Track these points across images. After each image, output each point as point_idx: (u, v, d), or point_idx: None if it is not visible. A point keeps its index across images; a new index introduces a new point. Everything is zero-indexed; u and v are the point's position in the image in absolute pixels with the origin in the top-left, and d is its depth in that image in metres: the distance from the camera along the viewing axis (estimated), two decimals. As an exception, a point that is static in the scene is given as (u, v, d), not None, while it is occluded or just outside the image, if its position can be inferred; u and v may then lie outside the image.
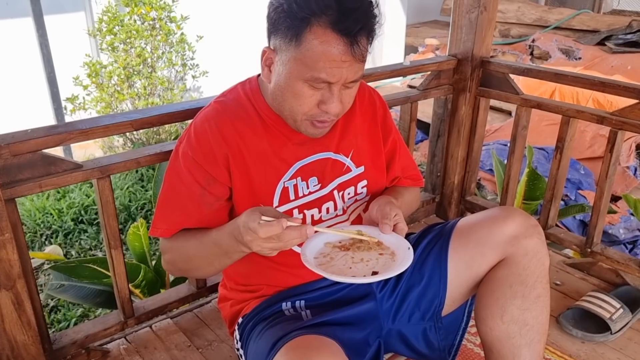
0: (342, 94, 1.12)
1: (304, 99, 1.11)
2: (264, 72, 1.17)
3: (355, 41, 1.04)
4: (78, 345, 1.49)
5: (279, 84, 1.13)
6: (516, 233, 1.27)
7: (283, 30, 1.07)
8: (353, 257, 1.13)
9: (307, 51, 1.05)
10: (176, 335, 1.65)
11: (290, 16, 1.05)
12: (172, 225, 1.22)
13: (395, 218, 1.17)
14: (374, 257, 1.12)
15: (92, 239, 3.37)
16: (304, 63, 1.06)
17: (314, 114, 1.13)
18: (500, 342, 1.27)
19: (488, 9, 2.01)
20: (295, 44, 1.06)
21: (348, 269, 1.09)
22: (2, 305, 1.25)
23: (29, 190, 1.26)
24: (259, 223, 0.97)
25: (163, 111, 1.43)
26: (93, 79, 3.91)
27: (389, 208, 1.18)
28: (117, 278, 1.51)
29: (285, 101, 1.14)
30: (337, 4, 1.03)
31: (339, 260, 1.12)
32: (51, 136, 1.27)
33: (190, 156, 1.20)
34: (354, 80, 1.12)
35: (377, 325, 1.34)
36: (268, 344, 1.13)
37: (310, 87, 1.09)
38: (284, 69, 1.10)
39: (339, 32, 1.03)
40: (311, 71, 1.06)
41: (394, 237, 1.16)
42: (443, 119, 2.21)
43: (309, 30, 1.04)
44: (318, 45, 1.04)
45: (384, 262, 1.11)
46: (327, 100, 1.11)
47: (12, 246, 1.22)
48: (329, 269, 1.08)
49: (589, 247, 1.92)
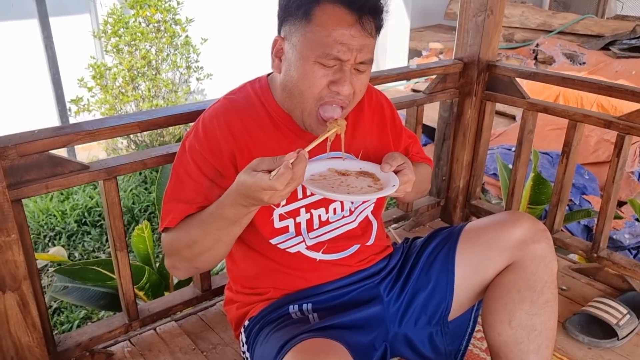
0: (353, 78, 1.12)
1: (314, 79, 1.11)
2: (275, 63, 1.18)
3: (363, 14, 1.08)
4: (82, 347, 1.48)
5: (289, 70, 1.14)
6: (524, 238, 1.27)
7: (293, 12, 1.10)
8: (342, 182, 1.16)
9: (316, 27, 1.08)
10: (181, 338, 1.64)
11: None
12: (178, 213, 1.20)
13: (402, 165, 1.18)
14: (360, 186, 1.16)
15: (95, 240, 3.36)
16: (315, 40, 1.08)
17: (323, 96, 1.13)
18: (508, 347, 1.26)
19: (495, 12, 2.00)
20: (306, 21, 1.09)
21: (330, 188, 1.13)
22: (7, 307, 1.24)
23: (35, 191, 1.26)
24: (271, 179, 0.96)
25: (169, 113, 1.43)
26: (98, 80, 3.91)
27: (398, 154, 1.20)
28: (122, 280, 1.50)
29: (295, 86, 1.14)
30: None
31: (329, 180, 1.16)
32: (58, 137, 1.26)
33: (198, 150, 1.20)
34: (364, 62, 1.12)
35: (383, 329, 1.33)
36: (275, 347, 1.12)
37: (321, 66, 1.10)
38: (294, 51, 1.12)
39: (348, 6, 1.07)
40: (322, 47, 1.08)
41: (390, 176, 1.17)
42: (449, 123, 2.21)
43: (318, 7, 1.08)
44: (328, 21, 1.07)
45: (366, 192, 1.14)
46: (339, 79, 1.11)
47: (18, 247, 1.22)
48: (313, 184, 1.12)
49: (595, 252, 1.91)
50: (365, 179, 1.19)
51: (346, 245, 1.33)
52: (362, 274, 1.35)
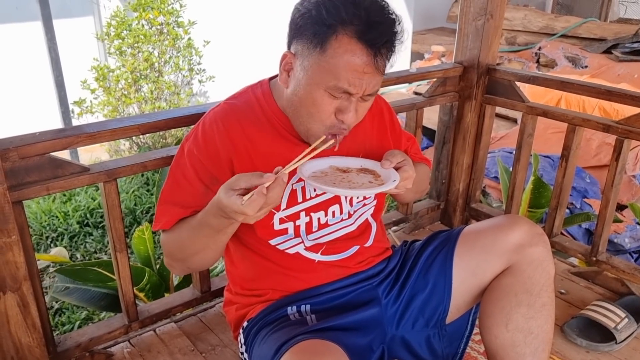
0: (358, 106, 1.14)
1: (322, 106, 1.12)
2: (282, 77, 1.18)
3: (379, 53, 1.07)
4: (82, 348, 1.49)
5: (298, 90, 1.14)
6: (522, 241, 1.27)
7: (308, 36, 1.09)
8: (344, 178, 1.17)
9: (331, 58, 1.07)
10: (180, 340, 1.65)
11: (318, 22, 1.07)
12: (172, 216, 1.22)
13: (401, 162, 1.19)
14: (361, 182, 1.17)
15: (97, 242, 3.38)
16: (327, 70, 1.08)
17: (330, 125, 1.14)
18: (505, 350, 1.26)
19: (494, 16, 2.01)
20: (320, 50, 1.07)
21: (332, 183, 1.14)
22: (7, 307, 1.26)
23: (36, 193, 1.27)
24: (242, 204, 0.96)
25: (170, 116, 1.44)
26: (100, 82, 3.94)
27: (398, 152, 1.21)
28: (122, 281, 1.51)
29: (303, 107, 1.14)
30: (366, 15, 1.05)
31: (330, 177, 1.17)
32: (59, 139, 1.27)
33: (196, 155, 1.21)
34: (371, 94, 1.13)
35: (381, 331, 1.34)
36: (272, 348, 1.13)
37: (330, 96, 1.10)
38: (305, 74, 1.11)
39: (365, 42, 1.05)
40: (334, 80, 1.08)
41: (391, 172, 1.18)
42: (448, 126, 2.21)
43: (335, 38, 1.06)
44: (343, 54, 1.06)
45: (367, 187, 1.15)
46: (345, 109, 1.12)
47: (19, 248, 1.23)
48: (314, 179, 1.13)
49: (595, 255, 1.91)
50: (366, 175, 1.20)
51: (345, 247, 1.34)
52: (361, 276, 1.36)
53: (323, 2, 1.08)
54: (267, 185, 0.97)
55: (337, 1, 1.07)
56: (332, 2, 1.07)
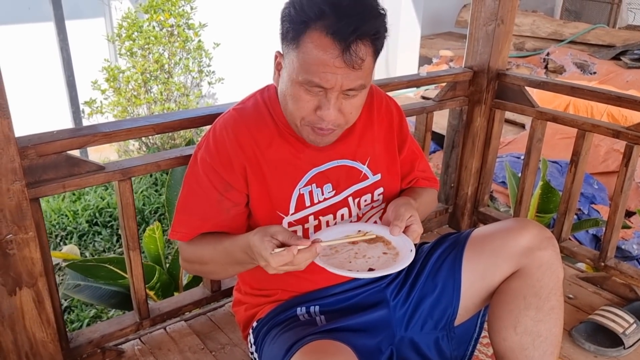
0: (341, 103, 1.12)
1: (301, 102, 1.12)
2: (275, 76, 1.20)
3: (348, 48, 1.04)
4: (94, 344, 1.51)
5: (282, 87, 1.16)
6: (531, 245, 1.28)
7: (286, 35, 1.11)
8: (357, 252, 1.14)
9: (303, 54, 1.07)
10: (190, 338, 1.66)
11: (291, 20, 1.09)
12: (191, 229, 1.25)
13: (410, 219, 1.17)
14: (376, 255, 1.14)
15: (106, 241, 3.41)
16: (301, 66, 1.08)
17: (311, 120, 1.14)
18: (514, 353, 1.27)
19: (505, 22, 2.02)
20: (294, 47, 1.09)
21: (348, 262, 1.11)
22: (23, 303, 1.28)
23: (52, 191, 1.29)
24: (271, 254, 1.00)
25: (184, 116, 1.46)
26: (111, 83, 3.97)
27: (404, 209, 1.18)
28: (134, 279, 1.53)
29: (287, 104, 1.16)
30: (334, 10, 1.04)
31: (342, 253, 1.14)
32: (76, 138, 1.30)
33: (209, 163, 1.22)
34: (353, 89, 1.10)
35: (389, 333, 1.34)
36: (283, 348, 1.14)
37: (307, 92, 1.10)
38: (286, 72, 1.13)
39: (332, 36, 1.04)
40: (305, 74, 1.08)
41: (402, 238, 1.16)
42: (458, 130, 2.22)
43: (306, 34, 1.06)
44: (313, 50, 1.06)
45: (385, 260, 1.12)
46: (323, 106, 1.11)
47: (35, 244, 1.25)
48: (329, 261, 1.10)
49: (603, 261, 1.92)
50: (377, 245, 1.17)
51: (354, 249, 1.35)
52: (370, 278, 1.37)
53: (296, 1, 1.08)
54: (300, 248, 1.00)
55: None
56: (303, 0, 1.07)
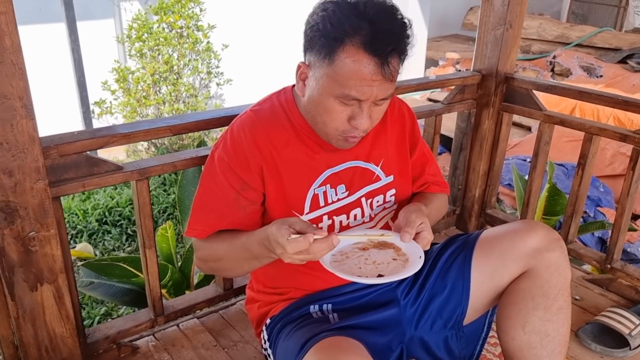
0: (371, 110, 1.16)
1: (335, 114, 1.16)
2: (299, 86, 1.22)
3: (385, 61, 1.09)
4: (110, 340, 1.55)
5: (312, 99, 1.18)
6: (539, 246, 1.30)
7: (317, 48, 1.12)
8: (367, 258, 1.16)
9: (339, 69, 1.10)
10: (202, 335, 1.70)
11: (324, 35, 1.11)
12: (207, 227, 1.28)
13: (420, 226, 1.19)
14: (386, 261, 1.15)
15: (115, 239, 3.45)
16: (336, 80, 1.11)
17: (344, 130, 1.18)
18: (522, 352, 1.29)
19: (514, 26, 2.05)
20: (328, 61, 1.11)
21: (358, 268, 1.13)
22: (44, 298, 1.31)
23: (73, 190, 1.33)
24: (288, 239, 1.02)
25: (200, 118, 1.49)
26: (121, 84, 4.01)
27: (415, 216, 1.20)
28: (149, 277, 1.56)
29: (318, 115, 1.19)
30: (370, 25, 1.08)
31: (352, 259, 1.16)
32: (96, 139, 1.33)
33: (226, 162, 1.25)
34: (384, 98, 1.16)
35: (400, 331, 1.37)
36: (297, 344, 1.17)
37: (341, 104, 1.14)
38: (317, 84, 1.15)
39: (371, 52, 1.07)
40: (342, 88, 1.11)
41: (412, 245, 1.18)
42: (466, 133, 2.25)
43: (342, 50, 1.09)
44: (350, 64, 1.09)
45: (394, 266, 1.14)
46: (357, 116, 1.15)
47: (57, 242, 1.29)
48: (339, 267, 1.12)
49: (609, 263, 1.94)
50: (387, 251, 1.19)
51: (367, 250, 1.38)
52: (381, 278, 1.40)
53: (329, 16, 1.11)
54: (316, 238, 1.02)
55: (341, 14, 1.10)
56: (336, 15, 1.10)
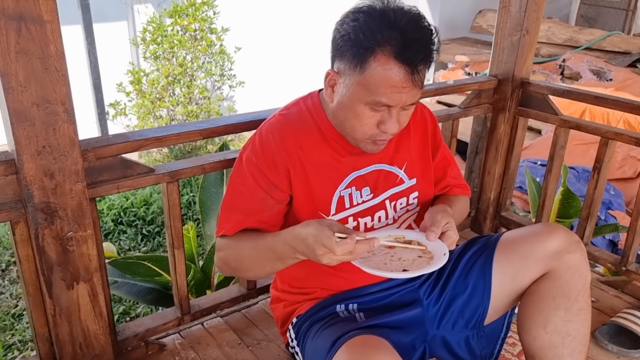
0: (399, 115, 1.21)
1: (364, 119, 1.20)
2: (327, 92, 1.26)
3: (415, 69, 1.13)
4: (139, 338, 1.59)
5: (342, 105, 1.22)
6: (559, 248, 1.33)
7: (348, 57, 1.17)
8: (393, 255, 1.20)
9: (370, 77, 1.14)
10: (227, 333, 1.74)
11: (356, 44, 1.15)
12: (235, 223, 1.30)
13: (445, 226, 1.23)
14: (411, 258, 1.19)
15: (131, 239, 3.50)
16: (367, 88, 1.15)
17: (373, 134, 1.22)
18: (544, 351, 1.33)
19: (530, 32, 2.09)
20: (360, 70, 1.15)
21: (383, 264, 1.17)
22: (79, 296, 1.36)
23: (107, 191, 1.38)
24: (337, 241, 1.04)
25: (228, 122, 1.53)
26: (136, 86, 4.07)
27: (440, 216, 1.25)
28: (177, 277, 1.61)
29: (347, 120, 1.23)
30: (401, 35, 1.12)
31: (379, 256, 1.20)
32: (130, 142, 1.38)
33: (254, 163, 1.29)
34: (412, 103, 1.21)
35: (422, 331, 1.41)
36: (328, 342, 1.20)
37: (371, 109, 1.18)
38: (347, 91, 1.19)
39: (402, 61, 1.12)
40: (373, 95, 1.15)
41: (438, 243, 1.22)
42: (482, 137, 2.29)
43: (373, 59, 1.13)
44: (381, 72, 1.13)
45: (419, 263, 1.18)
46: (386, 121, 1.19)
47: (93, 242, 1.33)
48: (365, 262, 1.16)
49: (624, 265, 1.97)
50: (413, 249, 1.22)
51: (390, 250, 1.42)
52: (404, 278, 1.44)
53: (360, 26, 1.15)
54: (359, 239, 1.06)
55: (373, 24, 1.14)
56: (368, 25, 1.14)
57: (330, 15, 1.56)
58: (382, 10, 1.16)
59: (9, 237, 3.50)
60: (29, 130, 1.15)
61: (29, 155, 1.17)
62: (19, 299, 3.00)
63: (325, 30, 1.39)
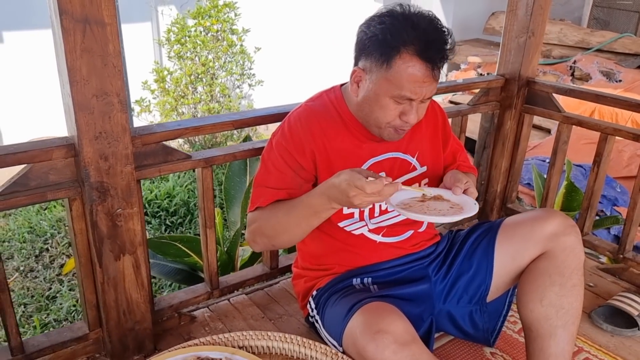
0: (418, 107, 1.38)
1: (389, 111, 1.37)
2: (353, 87, 1.43)
3: (435, 66, 1.31)
4: (173, 309, 1.76)
5: (368, 98, 1.39)
6: (556, 231, 1.47)
7: (375, 56, 1.33)
8: (428, 206, 1.37)
9: (395, 73, 1.31)
10: (251, 308, 1.90)
11: (383, 45, 1.31)
12: (268, 196, 1.44)
13: (466, 184, 1.42)
14: (446, 208, 1.36)
15: (155, 229, 3.68)
16: (392, 83, 1.32)
17: (396, 124, 1.39)
18: (539, 322, 1.46)
19: (536, 34, 2.23)
20: (386, 67, 1.32)
21: (422, 212, 1.33)
22: (125, 267, 1.53)
23: (151, 174, 1.55)
24: (367, 181, 1.18)
25: (257, 114, 1.70)
26: (160, 84, 4.26)
27: (461, 176, 1.44)
28: (208, 254, 1.77)
29: (372, 112, 1.39)
30: (424, 35, 1.29)
31: (415, 208, 1.36)
32: (171, 131, 1.55)
33: (284, 146, 1.45)
34: (429, 97, 1.38)
35: (430, 304, 1.56)
36: (345, 308, 1.36)
37: (395, 102, 1.35)
38: (374, 86, 1.36)
39: (424, 59, 1.29)
40: (398, 90, 1.32)
41: (463, 197, 1.40)
42: (489, 132, 2.43)
43: (399, 57, 1.30)
44: (406, 69, 1.30)
45: (454, 212, 1.35)
46: (408, 112, 1.36)
47: (138, 218, 1.50)
48: (410, 210, 1.33)
49: (622, 253, 2.11)
50: (442, 202, 1.38)
51: (402, 231, 1.57)
52: (414, 256, 1.59)
53: (388, 28, 1.32)
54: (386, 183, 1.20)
55: (399, 26, 1.31)
56: (394, 27, 1.31)
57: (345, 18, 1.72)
58: (405, 14, 1.33)
59: (41, 226, 3.71)
60: (89, 118, 1.33)
61: (88, 140, 1.34)
62: (52, 282, 3.20)
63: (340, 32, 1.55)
